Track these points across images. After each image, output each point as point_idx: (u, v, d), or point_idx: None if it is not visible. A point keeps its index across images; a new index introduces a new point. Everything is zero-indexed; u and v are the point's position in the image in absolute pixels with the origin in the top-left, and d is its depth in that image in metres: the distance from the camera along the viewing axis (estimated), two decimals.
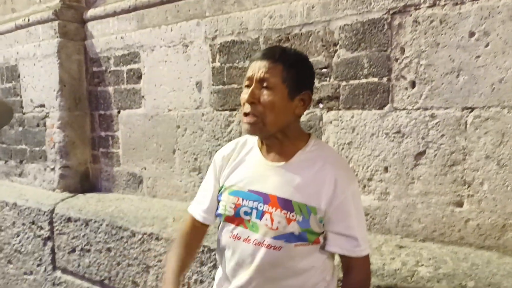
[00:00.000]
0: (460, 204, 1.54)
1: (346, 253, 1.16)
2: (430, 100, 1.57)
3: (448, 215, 1.57)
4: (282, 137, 1.18)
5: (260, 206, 1.16)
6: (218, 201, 1.27)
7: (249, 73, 1.15)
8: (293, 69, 1.13)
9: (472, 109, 1.49)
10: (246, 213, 1.18)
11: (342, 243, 1.15)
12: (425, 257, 1.50)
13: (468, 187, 1.52)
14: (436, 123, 1.56)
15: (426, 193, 1.60)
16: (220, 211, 1.25)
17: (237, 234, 1.19)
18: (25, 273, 2.93)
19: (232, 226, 1.21)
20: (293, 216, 1.12)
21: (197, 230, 1.36)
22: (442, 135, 1.55)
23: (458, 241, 1.55)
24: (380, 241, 1.66)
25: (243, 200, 1.19)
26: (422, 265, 1.46)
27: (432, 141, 1.57)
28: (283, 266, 1.15)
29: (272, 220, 1.13)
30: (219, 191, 1.29)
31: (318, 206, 1.12)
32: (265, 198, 1.16)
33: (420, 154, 1.60)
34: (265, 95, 1.12)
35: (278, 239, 1.13)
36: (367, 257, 1.19)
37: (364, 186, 1.74)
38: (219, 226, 1.29)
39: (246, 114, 1.14)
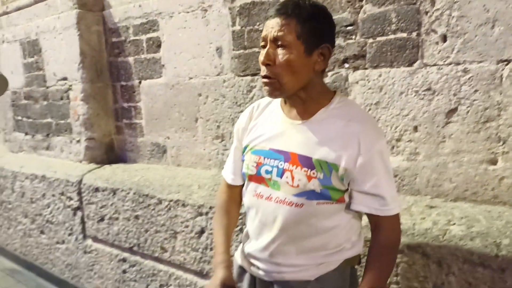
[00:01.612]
0: (494, 162, 1.49)
1: (373, 212, 1.14)
2: (463, 54, 1.49)
3: (481, 173, 1.51)
4: (305, 96, 1.15)
5: (281, 164, 1.15)
6: (243, 161, 1.28)
7: (263, 33, 1.12)
8: (308, 22, 1.08)
9: (508, 61, 1.41)
10: (267, 171, 1.18)
11: (368, 202, 1.13)
12: (457, 216, 1.46)
13: (503, 144, 1.46)
14: (469, 78, 1.49)
15: (458, 152, 1.55)
16: (244, 170, 1.26)
17: (259, 192, 1.20)
18: (57, 242, 3.04)
19: (255, 184, 1.22)
20: (313, 173, 1.11)
21: (232, 192, 1.38)
22: (475, 91, 1.48)
23: (492, 200, 1.51)
24: (409, 202, 1.62)
25: (264, 158, 1.19)
26: (454, 224, 1.43)
27: (464, 97, 1.51)
28: (306, 223, 1.14)
29: (292, 177, 1.12)
30: (243, 151, 1.29)
31: (339, 163, 1.09)
32: (286, 156, 1.15)
33: (452, 111, 1.54)
34: (280, 55, 1.08)
35: (299, 196, 1.12)
36: (396, 217, 1.16)
37: (393, 147, 1.69)
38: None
39: (263, 77, 1.12)
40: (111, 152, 2.94)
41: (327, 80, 1.82)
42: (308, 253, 1.18)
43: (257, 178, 1.21)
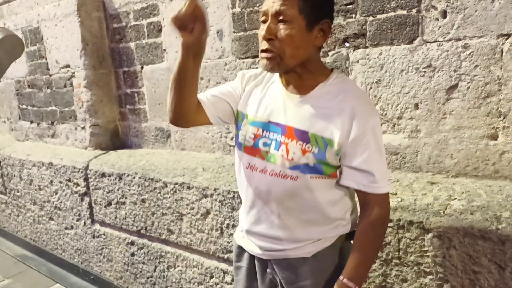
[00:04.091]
0: (494, 137, 1.50)
1: (361, 188, 1.14)
2: (463, 29, 1.49)
3: (482, 148, 1.53)
4: (301, 71, 1.16)
5: (279, 138, 1.16)
6: (238, 130, 1.27)
7: (264, 7, 1.12)
8: None
9: (508, 36, 1.41)
10: (265, 144, 1.19)
11: (357, 178, 1.13)
12: (458, 192, 1.48)
13: (504, 118, 1.46)
14: (469, 54, 1.49)
15: (459, 128, 1.56)
16: (239, 140, 1.25)
17: (254, 164, 1.21)
18: (66, 228, 3.09)
19: (250, 157, 1.22)
20: (308, 147, 1.12)
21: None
22: (476, 66, 1.48)
23: (493, 174, 1.52)
24: (411, 179, 1.64)
25: (263, 131, 1.20)
26: (455, 199, 1.44)
27: (465, 73, 1.51)
28: (300, 197, 1.16)
29: (287, 151, 1.14)
30: (238, 118, 1.28)
31: (334, 138, 1.11)
32: (283, 129, 1.16)
33: (452, 87, 1.55)
34: (282, 29, 1.08)
35: (294, 169, 1.14)
36: (385, 196, 1.16)
37: (394, 125, 1.70)
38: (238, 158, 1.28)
39: (263, 51, 1.12)
40: (115, 138, 2.97)
41: (327, 59, 1.82)
42: (305, 228, 1.20)
43: (252, 150, 1.21)
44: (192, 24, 1.05)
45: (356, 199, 1.25)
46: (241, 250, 1.35)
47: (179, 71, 1.14)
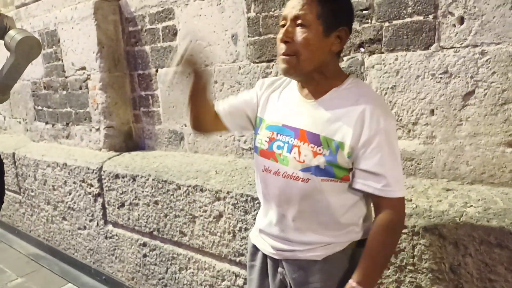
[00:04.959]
0: (511, 144, 1.49)
1: (373, 191, 1.13)
2: (480, 36, 1.48)
3: (498, 156, 1.51)
4: (318, 77, 1.18)
5: (291, 141, 1.18)
6: (256, 135, 1.32)
7: (284, 12, 1.15)
8: (328, 3, 1.11)
9: None
10: (279, 147, 1.21)
11: (369, 181, 1.13)
12: (474, 199, 1.47)
13: None
14: (487, 60, 1.48)
15: (475, 135, 1.55)
16: (257, 144, 1.29)
17: (268, 167, 1.23)
18: (79, 228, 3.13)
19: (264, 159, 1.25)
20: (320, 150, 1.14)
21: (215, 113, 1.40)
22: (493, 73, 1.48)
23: (509, 182, 1.51)
24: (426, 185, 1.63)
25: (277, 134, 1.23)
26: (471, 206, 1.43)
27: (482, 80, 1.50)
28: (313, 199, 1.17)
29: (299, 153, 1.16)
30: (257, 123, 1.33)
31: (345, 141, 1.11)
32: (296, 132, 1.18)
33: (469, 94, 1.54)
34: (299, 33, 1.11)
35: (305, 171, 1.15)
36: (399, 200, 1.15)
37: (409, 131, 1.70)
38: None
39: (281, 54, 1.15)
40: (129, 140, 3.00)
41: (343, 64, 1.82)
42: (317, 231, 1.20)
43: (267, 153, 1.24)
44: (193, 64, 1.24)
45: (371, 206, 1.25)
46: (255, 249, 1.37)
47: (191, 93, 1.30)
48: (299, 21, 1.11)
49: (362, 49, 1.77)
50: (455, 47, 1.54)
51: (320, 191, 1.16)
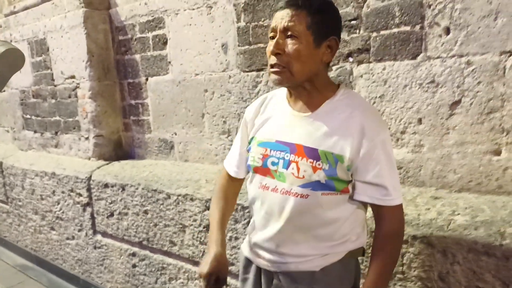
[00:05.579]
0: (498, 153, 1.51)
1: (375, 202, 1.15)
2: (466, 46, 1.51)
3: (485, 164, 1.53)
4: (310, 87, 1.18)
5: (287, 156, 1.17)
6: (248, 153, 1.30)
7: (272, 24, 1.14)
8: (317, 14, 1.11)
9: (511, 53, 1.43)
10: (273, 163, 1.20)
11: (371, 192, 1.15)
12: (462, 207, 1.49)
13: (507, 134, 1.47)
14: (472, 70, 1.51)
15: (462, 143, 1.57)
16: (249, 162, 1.28)
17: (265, 184, 1.22)
18: (67, 238, 3.09)
19: (261, 177, 1.24)
20: (319, 164, 1.13)
21: (232, 183, 1.41)
22: (479, 82, 1.50)
23: (496, 190, 1.52)
24: (414, 193, 1.65)
25: (270, 150, 1.21)
26: (459, 214, 1.45)
27: (468, 89, 1.52)
28: (311, 214, 1.17)
29: (298, 169, 1.15)
30: (249, 142, 1.31)
31: (344, 154, 1.12)
32: (292, 147, 1.17)
33: (456, 103, 1.56)
34: (290, 44, 1.11)
35: (305, 187, 1.14)
36: (399, 207, 1.18)
37: (397, 140, 1.71)
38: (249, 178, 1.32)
39: (272, 66, 1.14)
40: (119, 149, 2.98)
41: (331, 74, 1.84)
42: (314, 244, 1.20)
43: (263, 170, 1.23)
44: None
45: (366, 213, 1.26)
46: (248, 262, 1.35)
47: None
48: (289, 33, 1.10)
49: (350, 59, 1.78)
50: (441, 57, 1.56)
51: (319, 206, 1.16)
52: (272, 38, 1.14)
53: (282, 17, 1.11)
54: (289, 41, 1.11)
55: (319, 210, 1.16)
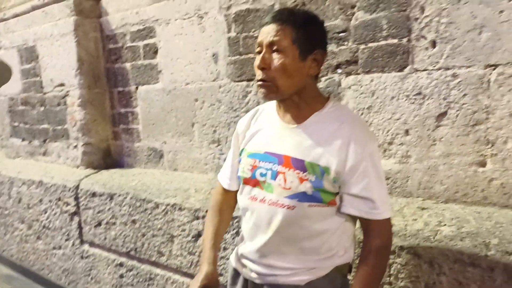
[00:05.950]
0: (483, 164, 1.53)
1: (363, 215, 1.15)
2: (452, 59, 1.54)
3: (471, 175, 1.55)
4: (298, 100, 1.19)
5: (275, 167, 1.18)
6: (239, 164, 1.31)
7: (259, 39, 1.16)
8: (302, 28, 1.13)
9: (495, 66, 1.46)
10: (262, 174, 1.21)
11: (358, 205, 1.14)
12: (448, 217, 1.50)
13: (492, 146, 1.50)
14: (458, 83, 1.53)
15: (448, 154, 1.58)
16: (239, 173, 1.29)
17: (254, 195, 1.23)
18: (54, 248, 3.05)
19: (250, 187, 1.25)
20: (305, 176, 1.14)
21: (227, 195, 1.41)
22: (464, 95, 1.52)
23: (481, 201, 1.54)
24: (401, 204, 1.66)
25: (259, 161, 1.22)
26: (445, 225, 1.46)
27: (454, 101, 1.55)
28: (298, 225, 1.17)
29: (285, 180, 1.16)
30: (240, 154, 1.32)
31: (331, 166, 1.12)
32: (280, 159, 1.18)
33: (442, 115, 1.58)
34: (276, 59, 1.12)
35: (291, 198, 1.15)
36: (387, 221, 1.18)
37: (385, 150, 1.73)
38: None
39: (259, 81, 1.16)
40: (108, 157, 2.96)
41: (320, 85, 1.85)
42: (301, 256, 1.20)
43: (252, 181, 1.24)
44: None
45: (355, 226, 1.26)
46: (235, 273, 1.35)
47: None
48: (274, 47, 1.12)
49: (339, 70, 1.80)
50: (428, 70, 1.59)
51: (306, 217, 1.16)
52: (259, 53, 1.15)
53: (268, 32, 1.13)
54: (275, 55, 1.12)
55: (306, 222, 1.17)
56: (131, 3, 2.64)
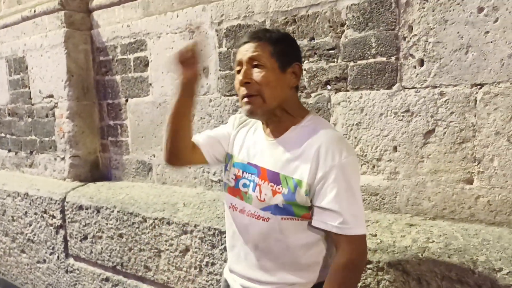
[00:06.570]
0: (470, 181, 1.54)
1: (330, 229, 1.10)
2: (439, 78, 1.56)
3: (458, 192, 1.57)
4: (281, 113, 1.20)
5: (255, 179, 1.21)
6: (225, 171, 1.33)
7: (238, 57, 1.19)
8: (279, 43, 1.17)
9: (481, 85, 1.49)
10: (245, 185, 1.23)
11: (325, 218, 1.10)
12: (436, 234, 1.51)
13: (478, 163, 1.52)
14: (445, 101, 1.56)
15: (436, 171, 1.60)
16: (225, 180, 1.32)
17: (234, 204, 1.25)
18: (38, 262, 2.98)
19: (231, 197, 1.27)
20: (279, 188, 1.15)
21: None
22: (451, 113, 1.55)
23: (469, 218, 1.56)
24: (390, 220, 1.66)
25: (243, 172, 1.25)
26: (433, 241, 1.47)
27: (441, 119, 1.57)
28: (274, 238, 1.17)
29: (260, 192, 1.18)
30: (227, 160, 1.34)
31: (303, 179, 1.12)
32: (258, 170, 1.21)
33: (429, 132, 1.60)
34: (257, 73, 1.15)
35: (265, 210, 1.17)
36: (359, 237, 1.11)
37: (374, 167, 1.74)
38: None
39: (244, 96, 1.16)
40: (95, 170, 2.93)
41: (310, 101, 1.87)
42: (281, 271, 1.18)
43: (234, 190, 1.26)
44: (191, 62, 1.22)
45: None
46: (226, 284, 1.36)
47: (176, 110, 1.24)
48: (255, 62, 1.14)
49: (328, 87, 1.82)
50: (416, 88, 1.61)
51: (280, 231, 1.16)
52: (239, 72, 1.17)
53: (246, 50, 1.16)
54: (256, 70, 1.14)
55: (281, 235, 1.16)
56: (123, 16, 2.64)
